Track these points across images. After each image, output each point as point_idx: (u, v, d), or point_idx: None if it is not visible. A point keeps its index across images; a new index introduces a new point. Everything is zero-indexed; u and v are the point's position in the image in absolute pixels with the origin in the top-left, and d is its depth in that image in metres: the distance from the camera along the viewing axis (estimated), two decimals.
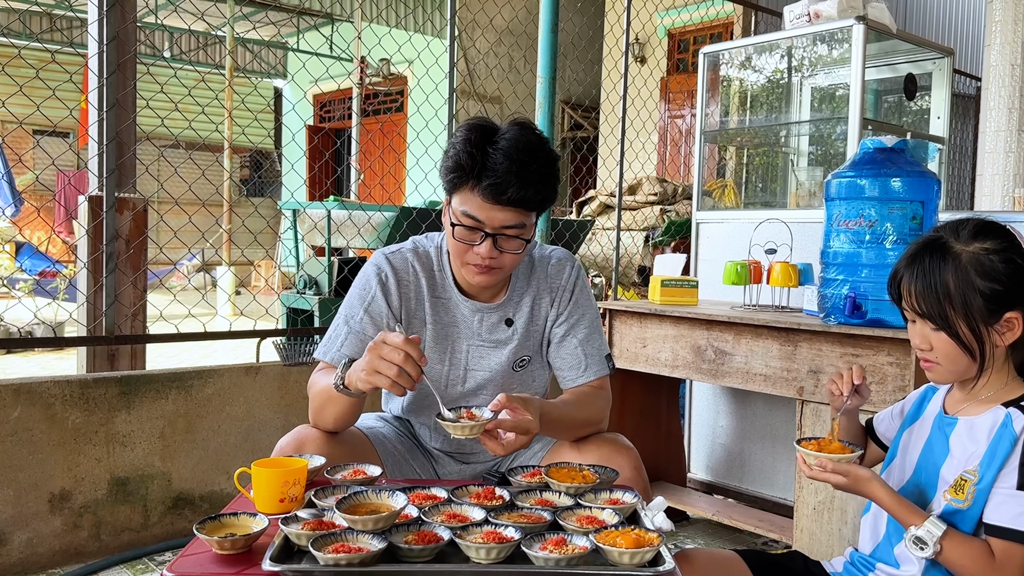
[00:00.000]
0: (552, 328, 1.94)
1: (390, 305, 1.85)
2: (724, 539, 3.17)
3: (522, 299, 1.92)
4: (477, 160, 1.67)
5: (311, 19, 12.23)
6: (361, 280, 1.89)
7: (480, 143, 1.69)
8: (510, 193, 1.67)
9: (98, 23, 2.99)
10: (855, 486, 1.47)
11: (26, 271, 9.77)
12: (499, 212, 1.70)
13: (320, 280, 5.49)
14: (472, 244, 1.74)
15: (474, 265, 1.76)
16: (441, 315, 1.89)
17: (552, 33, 4.05)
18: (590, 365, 1.92)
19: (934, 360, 1.47)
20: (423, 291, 1.88)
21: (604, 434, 1.88)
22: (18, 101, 3.20)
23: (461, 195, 1.72)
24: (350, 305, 1.88)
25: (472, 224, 1.72)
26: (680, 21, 8.77)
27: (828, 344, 2.51)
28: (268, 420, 3.17)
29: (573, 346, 1.92)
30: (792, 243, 2.89)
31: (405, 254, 1.90)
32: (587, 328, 1.94)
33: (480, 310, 1.89)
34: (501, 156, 1.67)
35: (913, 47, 3.72)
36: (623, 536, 1.27)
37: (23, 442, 2.68)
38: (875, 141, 2.47)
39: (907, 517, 1.42)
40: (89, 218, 3.02)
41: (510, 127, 1.74)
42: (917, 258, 1.46)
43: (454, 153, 1.71)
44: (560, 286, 1.94)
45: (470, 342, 1.89)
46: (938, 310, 1.43)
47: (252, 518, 1.36)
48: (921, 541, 1.38)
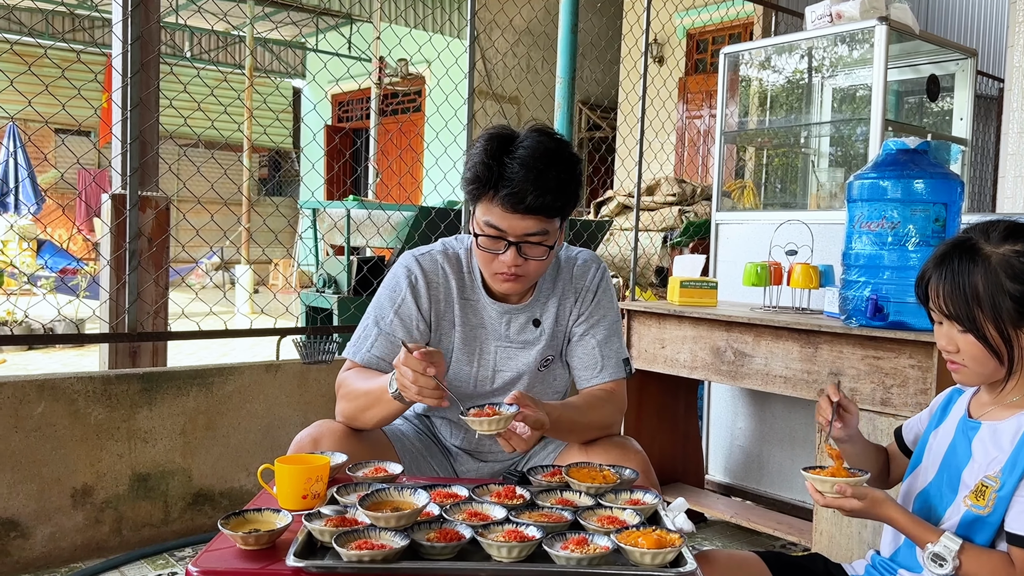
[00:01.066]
0: (572, 327, 1.94)
1: (419, 307, 1.86)
2: (742, 541, 3.16)
3: (548, 300, 1.93)
4: (494, 170, 1.68)
5: (331, 19, 12.29)
6: (391, 281, 1.91)
7: (497, 153, 1.70)
8: (528, 201, 1.68)
9: (122, 23, 3.02)
10: (871, 508, 1.45)
11: (48, 268, 9.86)
12: (520, 220, 1.70)
13: (339, 279, 5.52)
14: (496, 253, 1.75)
15: (500, 273, 1.78)
16: (470, 317, 1.90)
17: (572, 33, 4.05)
18: (606, 366, 1.92)
19: (960, 362, 1.46)
20: (452, 293, 1.89)
21: (613, 437, 1.88)
22: (40, 100, 3.23)
23: (482, 205, 1.74)
24: (380, 306, 1.89)
25: (495, 233, 1.73)
26: (700, 21, 8.74)
27: (849, 346, 2.50)
28: (288, 417, 3.19)
29: (591, 346, 1.92)
30: (813, 244, 2.88)
31: (435, 256, 1.91)
32: (606, 330, 1.94)
33: (508, 311, 1.90)
34: (518, 165, 1.68)
35: (936, 48, 3.69)
36: (645, 536, 1.27)
37: (46, 437, 2.71)
38: (898, 142, 2.46)
39: (922, 535, 1.41)
40: (112, 216, 3.05)
41: (528, 134, 1.75)
42: (946, 259, 1.45)
43: (472, 164, 1.72)
44: (584, 287, 1.95)
45: (498, 343, 1.90)
46: (966, 312, 1.41)
47: (276, 514, 1.37)
48: (939, 558, 1.37)
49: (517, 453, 1.99)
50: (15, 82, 3.03)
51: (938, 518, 1.50)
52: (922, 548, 1.40)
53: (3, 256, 8.51)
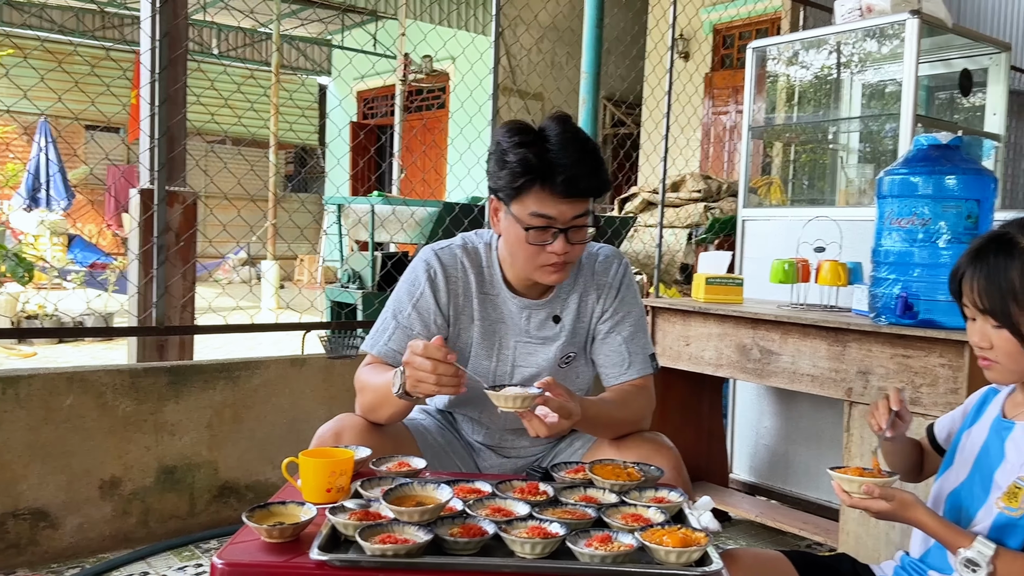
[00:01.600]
0: (597, 324, 1.93)
1: (438, 302, 1.86)
2: (767, 541, 3.14)
3: (569, 296, 1.92)
4: (543, 159, 1.68)
5: (356, 16, 12.33)
6: (410, 275, 1.90)
7: (535, 143, 1.70)
8: (583, 184, 1.70)
9: (151, 19, 3.04)
10: (899, 511, 1.41)
11: (78, 263, 9.99)
12: (570, 205, 1.71)
13: (364, 274, 5.54)
14: (545, 244, 1.74)
15: (549, 265, 1.76)
16: (489, 311, 1.89)
17: (597, 28, 4.03)
18: (633, 363, 1.91)
19: (993, 359, 1.43)
20: (471, 287, 1.88)
21: (644, 433, 1.87)
22: (71, 97, 3.27)
23: (530, 197, 1.71)
24: (398, 300, 1.89)
25: (544, 223, 1.72)
26: (726, 16, 8.67)
27: (878, 345, 2.47)
28: (312, 411, 3.21)
29: (617, 343, 1.91)
30: (841, 241, 2.84)
31: (454, 250, 1.90)
32: (632, 326, 1.93)
33: (528, 307, 1.89)
34: (562, 151, 1.68)
35: (968, 42, 3.63)
36: (670, 535, 1.26)
37: (75, 429, 2.74)
38: (929, 138, 2.42)
39: (955, 540, 1.37)
40: (140, 211, 3.07)
41: (551, 123, 1.74)
42: (981, 254, 1.42)
43: (517, 158, 1.69)
44: (607, 283, 1.93)
45: (517, 338, 1.89)
46: (1001, 307, 1.39)
47: (300, 507, 1.38)
48: (973, 563, 1.34)
49: (540, 447, 1.99)
50: (46, 78, 3.06)
51: (969, 519, 1.47)
52: (954, 553, 1.37)
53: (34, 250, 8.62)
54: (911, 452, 1.69)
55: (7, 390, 2.61)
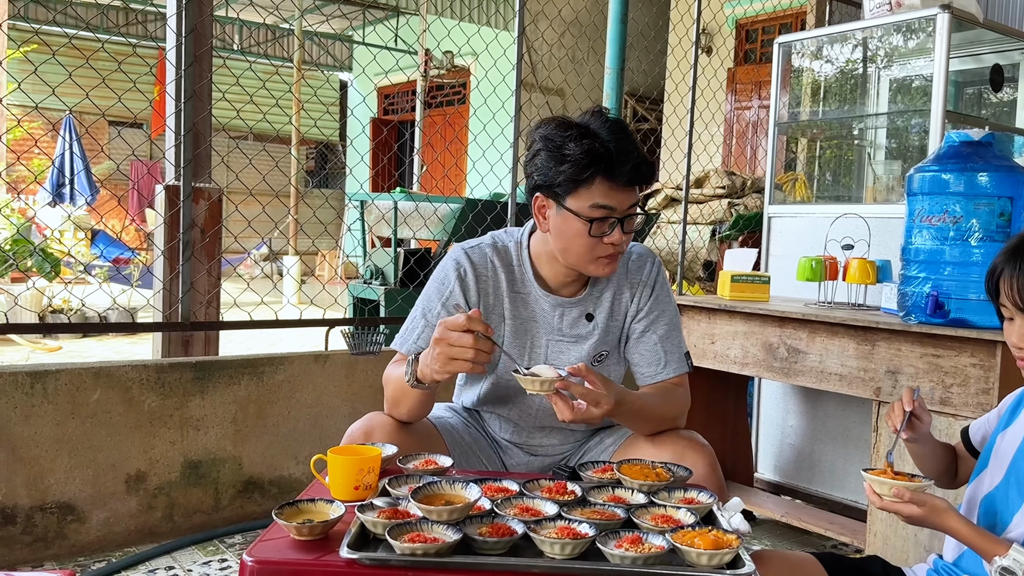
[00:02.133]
0: (632, 324, 1.92)
1: (468, 301, 1.86)
2: (792, 541, 3.11)
3: (603, 294, 1.91)
4: (608, 149, 1.68)
5: (379, 12, 12.35)
6: (440, 274, 1.90)
7: (591, 135, 1.70)
8: (644, 171, 1.72)
9: (176, 16, 3.06)
10: (931, 517, 1.39)
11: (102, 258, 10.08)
12: (628, 194, 1.73)
13: (386, 271, 5.55)
14: (604, 235, 1.73)
15: (605, 256, 1.76)
16: (520, 310, 1.88)
17: (621, 23, 4.01)
18: (669, 362, 1.90)
19: None
20: (502, 286, 1.88)
21: (680, 431, 1.86)
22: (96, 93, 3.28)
23: (592, 188, 1.70)
24: (428, 298, 1.89)
25: (604, 214, 1.72)
26: (750, 11, 8.60)
27: (908, 344, 2.43)
28: (336, 407, 3.22)
29: (653, 342, 1.90)
30: (870, 239, 2.81)
31: (484, 249, 1.90)
32: (667, 325, 1.93)
33: (561, 305, 1.88)
34: (617, 140, 1.69)
35: (999, 36, 3.57)
36: (701, 537, 1.25)
37: (102, 424, 2.76)
38: (961, 134, 2.38)
39: (989, 548, 1.35)
40: (166, 207, 3.09)
41: (593, 117, 1.74)
42: (1020, 251, 1.40)
43: (581, 150, 1.68)
44: (641, 281, 1.93)
45: (549, 337, 1.89)
46: None
47: (329, 505, 1.38)
48: (1009, 572, 1.30)
49: (569, 445, 1.98)
50: (73, 75, 3.08)
51: (1004, 524, 1.44)
52: (988, 561, 1.35)
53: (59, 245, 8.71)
54: (942, 456, 1.66)
55: (35, 385, 2.64)
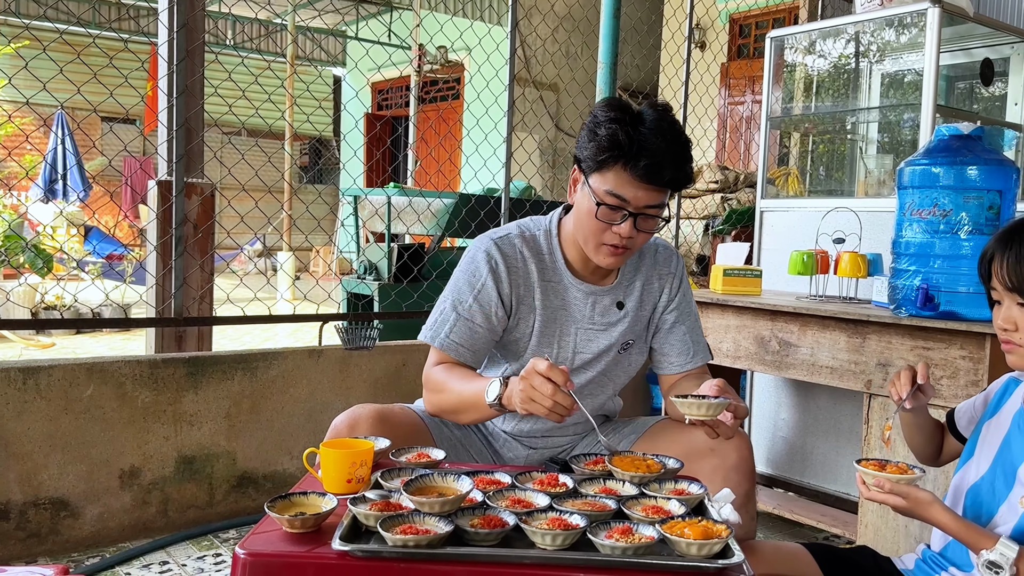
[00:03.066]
0: (663, 315, 1.97)
1: (500, 293, 1.86)
2: (784, 533, 3.13)
3: (632, 283, 1.95)
4: (634, 139, 1.68)
5: (372, 7, 12.32)
6: (470, 266, 1.89)
7: (633, 123, 1.70)
8: (666, 174, 1.70)
9: (168, 11, 3.05)
10: (915, 509, 1.41)
11: (95, 254, 10.05)
12: (646, 192, 1.72)
13: (380, 266, 5.55)
14: (612, 223, 1.74)
15: (610, 245, 1.78)
16: (551, 299, 1.90)
17: (614, 18, 4.01)
18: (697, 352, 1.98)
19: (1017, 342, 1.42)
20: (532, 277, 1.89)
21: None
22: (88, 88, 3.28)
23: (609, 174, 1.72)
24: (458, 290, 1.88)
25: (617, 203, 1.73)
26: (743, 6, 8.61)
27: (898, 337, 2.45)
28: (329, 402, 3.22)
29: (682, 333, 1.97)
30: (861, 232, 2.82)
31: (513, 240, 1.90)
32: (692, 317, 2.00)
33: (593, 293, 1.91)
34: (656, 137, 1.69)
35: (990, 31, 3.58)
36: (691, 527, 1.26)
37: (95, 419, 2.76)
38: (950, 128, 2.39)
39: (976, 541, 1.36)
40: (158, 202, 3.09)
41: (650, 110, 1.74)
42: (1013, 234, 1.42)
43: (608, 132, 1.69)
44: (670, 272, 1.98)
45: (579, 324, 1.91)
46: None
47: (321, 498, 1.38)
48: (995, 565, 1.32)
49: (568, 438, 2.00)
50: (64, 71, 3.07)
51: (990, 515, 1.46)
52: (975, 553, 1.36)
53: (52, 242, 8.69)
54: (933, 431, 1.69)
55: (28, 381, 2.63)
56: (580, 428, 2.01)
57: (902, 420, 1.67)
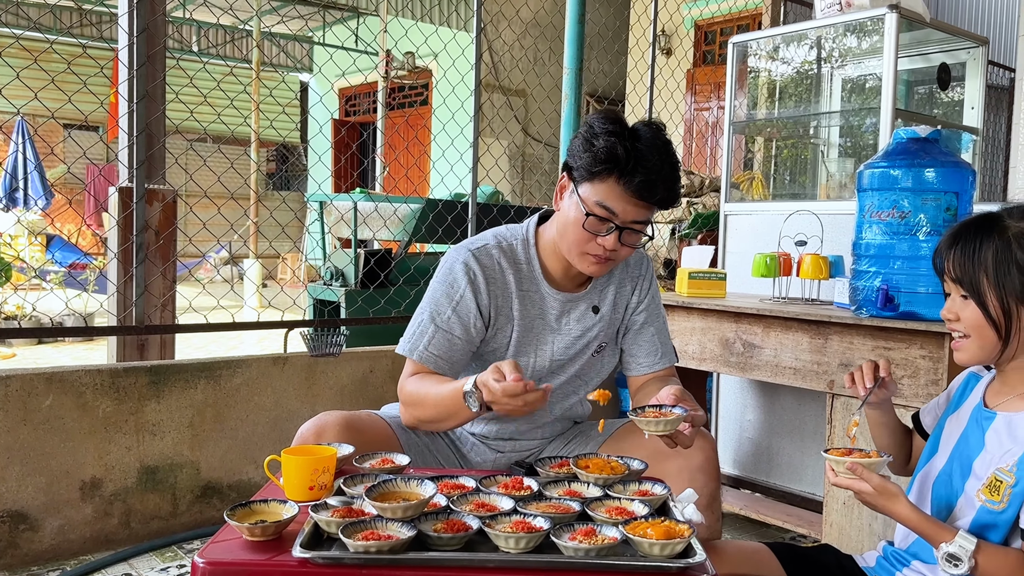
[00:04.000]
0: (632, 316, 1.99)
1: (479, 304, 1.86)
2: (752, 533, 3.15)
3: (606, 287, 1.97)
4: (632, 155, 1.69)
5: (337, 13, 12.27)
6: (448, 277, 1.88)
7: (627, 137, 1.70)
8: (658, 191, 1.71)
9: (128, 15, 3.01)
10: (880, 498, 1.42)
11: (56, 263, 9.89)
12: (636, 207, 1.73)
13: (346, 272, 5.51)
14: (598, 234, 1.76)
15: (593, 255, 1.78)
16: (528, 308, 1.91)
17: (579, 24, 4.02)
18: (664, 354, 2.00)
19: (961, 332, 1.45)
20: (510, 287, 1.89)
21: None
22: (48, 94, 3.23)
23: (602, 186, 1.72)
24: (436, 301, 1.87)
25: (605, 215, 1.73)
26: (708, 12, 8.69)
27: (860, 337, 2.48)
28: (296, 410, 3.19)
29: (651, 334, 1.99)
30: (822, 235, 2.86)
31: (490, 250, 1.90)
32: (660, 319, 2.03)
33: (569, 300, 1.92)
34: (652, 154, 1.70)
35: (947, 36, 3.66)
36: (653, 527, 1.26)
37: (55, 430, 2.71)
38: (908, 131, 2.43)
39: (936, 534, 1.38)
40: (119, 209, 3.04)
41: (643, 126, 1.75)
42: (965, 228, 1.46)
43: (606, 145, 1.69)
44: (641, 275, 2.01)
45: (556, 331, 1.92)
46: (971, 277, 1.41)
47: (282, 505, 1.37)
48: (954, 558, 1.34)
49: (536, 442, 2.00)
50: (22, 76, 3.02)
51: (950, 507, 1.48)
52: (936, 547, 1.38)
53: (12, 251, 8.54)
54: (900, 432, 1.70)
55: None
56: (547, 431, 2.01)
57: (869, 419, 1.68)
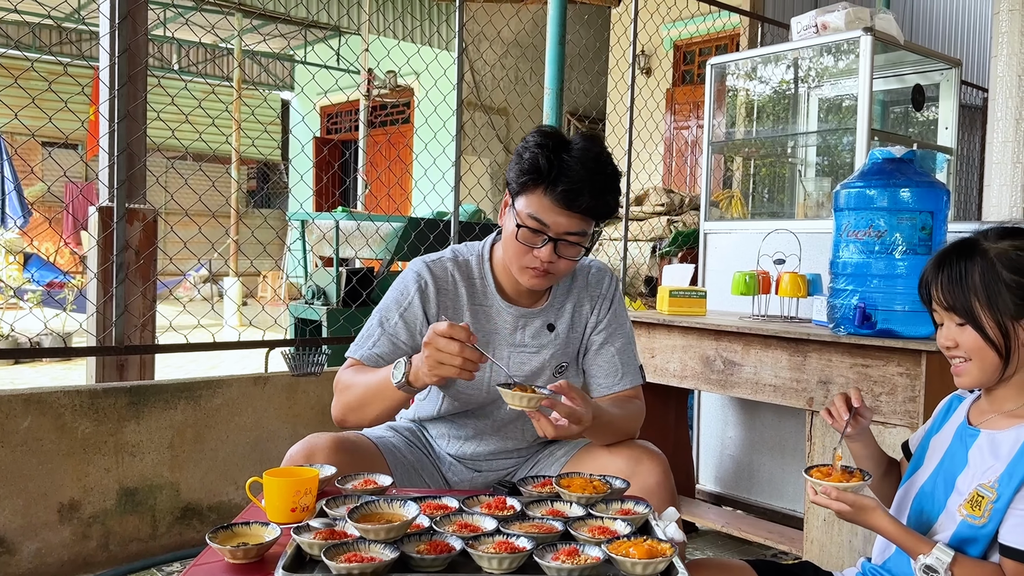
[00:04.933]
0: (591, 335, 1.98)
1: (427, 313, 1.88)
2: (733, 551, 3.16)
3: (564, 305, 1.96)
4: (554, 165, 1.71)
5: (319, 31, 12.29)
6: (400, 285, 1.92)
7: (556, 149, 1.73)
8: (583, 201, 1.72)
9: (110, 36, 3.01)
10: (859, 515, 1.44)
11: (35, 282, 9.79)
12: (566, 218, 1.74)
13: (328, 291, 5.50)
14: (533, 247, 1.77)
15: (531, 268, 1.80)
16: (482, 323, 1.91)
17: (559, 45, 4.06)
18: (626, 374, 1.97)
19: (962, 357, 1.46)
20: (462, 300, 1.90)
21: (634, 440, 1.91)
22: (27, 113, 3.22)
23: (530, 198, 1.75)
24: (386, 308, 1.91)
25: (537, 227, 1.75)
26: (686, 33, 8.79)
27: (838, 355, 2.51)
28: (276, 430, 3.17)
29: (611, 354, 1.96)
30: (800, 253, 2.89)
31: (445, 263, 1.93)
32: (623, 338, 1.99)
33: (523, 316, 1.92)
34: (577, 164, 1.72)
35: (920, 58, 3.72)
36: (636, 546, 1.27)
37: (33, 452, 2.68)
38: (884, 151, 2.47)
39: (914, 546, 1.40)
40: (99, 229, 3.03)
41: (581, 139, 1.78)
42: (946, 256, 1.47)
43: (530, 156, 1.73)
44: (601, 294, 1.99)
45: (511, 348, 1.92)
46: (963, 302, 1.43)
47: (264, 527, 1.36)
48: (931, 569, 1.36)
49: (514, 460, 2.00)
50: (1, 95, 3.01)
51: (931, 522, 1.50)
52: (914, 559, 1.40)
53: None
54: (883, 462, 1.71)
55: None
56: (524, 452, 2.02)
57: (853, 454, 1.70)
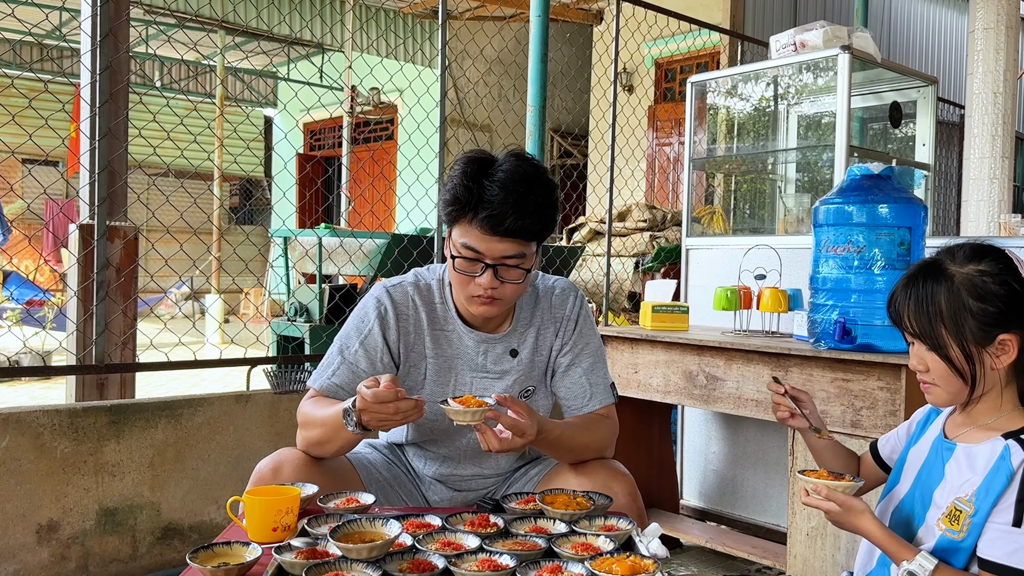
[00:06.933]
0: (557, 358, 1.94)
1: (387, 339, 1.85)
2: (717, 566, 3.16)
3: (527, 330, 1.93)
4: (474, 192, 1.68)
5: (302, 49, 12.31)
6: (360, 312, 1.90)
7: (477, 175, 1.70)
8: (507, 224, 1.68)
9: (91, 53, 3.00)
10: (847, 517, 1.46)
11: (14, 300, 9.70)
12: (497, 243, 1.70)
13: (311, 308, 5.48)
14: (473, 275, 1.74)
15: (476, 296, 1.77)
16: (443, 347, 1.89)
17: (542, 63, 4.09)
18: (595, 394, 1.93)
19: (931, 381, 1.48)
20: (423, 324, 1.88)
21: (603, 460, 1.88)
22: (7, 130, 3.20)
23: (460, 227, 1.73)
24: (346, 336, 1.88)
25: (472, 256, 1.72)
26: (667, 51, 8.86)
27: (819, 369, 2.52)
28: (259, 449, 3.15)
29: (578, 375, 1.93)
30: (781, 269, 2.91)
31: (406, 287, 1.90)
32: (591, 357, 1.95)
33: (485, 340, 1.89)
34: (497, 188, 1.68)
35: (898, 76, 3.78)
36: (619, 563, 1.27)
37: (10, 472, 2.65)
38: (862, 168, 2.50)
39: (898, 552, 1.42)
40: (80, 246, 3.01)
41: (507, 158, 1.75)
42: (913, 280, 1.48)
43: (452, 187, 1.72)
44: (564, 316, 1.95)
45: (474, 374, 1.89)
46: (930, 330, 1.44)
47: (245, 547, 1.35)
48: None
49: (493, 480, 1.99)
50: None
51: (911, 535, 1.51)
52: (897, 565, 1.41)
53: None
54: (843, 455, 1.75)
55: None
56: (506, 469, 2.01)
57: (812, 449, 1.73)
